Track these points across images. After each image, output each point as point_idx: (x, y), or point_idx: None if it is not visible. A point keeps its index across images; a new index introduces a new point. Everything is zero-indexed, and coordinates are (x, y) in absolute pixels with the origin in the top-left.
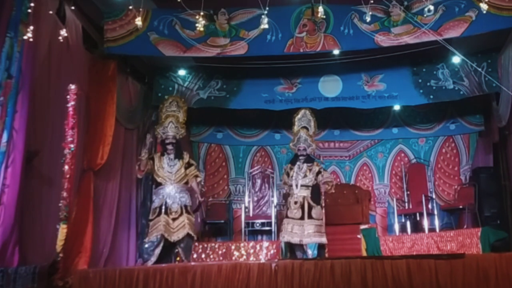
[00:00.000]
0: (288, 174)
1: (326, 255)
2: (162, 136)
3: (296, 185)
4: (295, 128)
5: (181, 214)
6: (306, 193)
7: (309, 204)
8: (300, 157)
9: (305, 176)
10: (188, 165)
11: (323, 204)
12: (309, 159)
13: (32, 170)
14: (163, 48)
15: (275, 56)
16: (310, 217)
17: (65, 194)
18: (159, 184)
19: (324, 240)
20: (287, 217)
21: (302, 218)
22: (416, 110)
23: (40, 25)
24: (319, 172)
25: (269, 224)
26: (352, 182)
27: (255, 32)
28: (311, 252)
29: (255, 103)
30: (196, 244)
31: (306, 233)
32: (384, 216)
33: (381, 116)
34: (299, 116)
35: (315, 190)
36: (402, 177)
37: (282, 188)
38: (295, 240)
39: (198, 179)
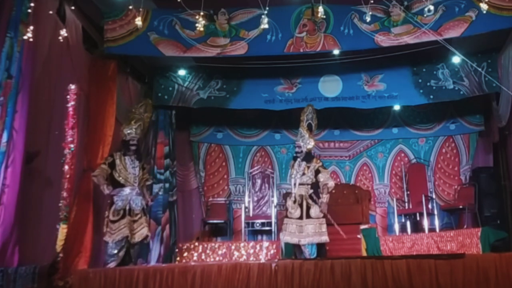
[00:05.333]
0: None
1: (327, 248)
2: (127, 137)
3: (295, 184)
4: (303, 124)
5: (141, 216)
6: (305, 191)
7: (307, 203)
8: (298, 154)
9: (304, 174)
10: (143, 168)
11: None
12: (309, 157)
13: (32, 170)
14: (163, 48)
15: (275, 56)
16: (308, 216)
17: (65, 194)
18: (118, 184)
19: (324, 238)
20: (286, 217)
21: (301, 217)
22: (416, 110)
23: (40, 25)
24: (318, 171)
25: (269, 224)
26: (352, 182)
27: (255, 32)
28: (309, 252)
29: (255, 103)
30: (196, 244)
31: (305, 233)
32: (384, 216)
33: (381, 116)
34: (305, 112)
35: (314, 189)
36: (402, 177)
37: (282, 188)
38: (293, 240)
39: (148, 183)
